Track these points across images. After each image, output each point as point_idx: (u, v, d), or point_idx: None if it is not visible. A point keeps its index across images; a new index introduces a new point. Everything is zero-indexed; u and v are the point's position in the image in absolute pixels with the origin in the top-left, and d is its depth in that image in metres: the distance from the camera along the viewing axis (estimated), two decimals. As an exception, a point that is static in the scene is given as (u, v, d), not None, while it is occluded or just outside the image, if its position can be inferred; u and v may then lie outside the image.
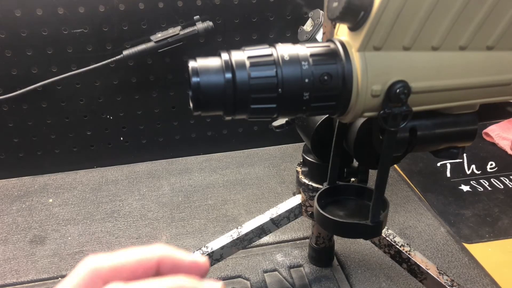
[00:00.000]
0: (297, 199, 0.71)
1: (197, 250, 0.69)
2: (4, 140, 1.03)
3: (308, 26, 0.76)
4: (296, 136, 0.66)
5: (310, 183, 0.66)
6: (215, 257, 0.69)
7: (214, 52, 0.38)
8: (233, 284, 0.75)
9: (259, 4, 1.00)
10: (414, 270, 0.66)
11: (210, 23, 0.96)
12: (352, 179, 0.63)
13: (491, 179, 0.97)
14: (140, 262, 0.27)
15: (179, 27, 0.95)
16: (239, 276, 0.77)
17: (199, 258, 0.28)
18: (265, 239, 0.83)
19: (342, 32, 0.41)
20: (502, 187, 0.95)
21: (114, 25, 0.95)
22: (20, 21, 0.91)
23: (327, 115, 0.58)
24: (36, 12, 0.91)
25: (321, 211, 0.50)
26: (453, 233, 0.83)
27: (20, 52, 0.94)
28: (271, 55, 0.37)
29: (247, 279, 0.76)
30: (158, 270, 0.27)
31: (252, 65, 0.37)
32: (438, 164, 1.04)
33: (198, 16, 0.96)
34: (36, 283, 0.78)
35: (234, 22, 1.00)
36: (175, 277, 0.26)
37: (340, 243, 0.82)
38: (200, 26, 0.95)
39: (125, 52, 0.95)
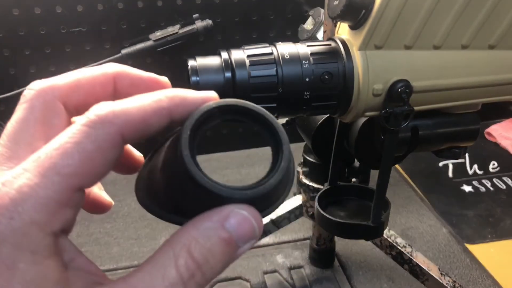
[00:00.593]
0: (297, 200, 0.70)
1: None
2: (2, 140, 1.02)
3: (308, 25, 0.75)
4: (296, 136, 0.65)
5: (310, 183, 0.66)
6: (215, 258, 0.69)
7: (213, 51, 0.38)
8: (233, 285, 0.75)
9: (259, 3, 0.99)
10: (416, 271, 0.65)
11: (210, 22, 0.95)
12: (353, 180, 0.63)
13: (493, 179, 0.97)
14: (96, 79, 0.24)
15: (178, 26, 0.94)
16: (239, 278, 0.76)
17: (159, 76, 0.26)
18: (265, 240, 0.82)
19: (343, 30, 0.40)
20: (505, 187, 0.94)
21: (113, 24, 0.94)
22: (18, 20, 0.91)
23: (328, 115, 0.57)
24: (34, 11, 0.90)
25: (322, 212, 0.49)
26: (455, 233, 0.83)
27: (18, 51, 0.93)
28: (271, 53, 0.37)
29: (247, 281, 0.75)
30: (116, 89, 0.25)
31: (252, 64, 0.36)
32: (440, 164, 1.03)
33: (197, 15, 0.95)
34: (34, 284, 0.77)
35: (233, 21, 1.00)
36: (164, 90, 0.24)
37: (341, 244, 0.81)
38: (199, 24, 0.94)
39: (124, 51, 0.94)
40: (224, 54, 0.37)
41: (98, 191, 0.31)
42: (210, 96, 0.25)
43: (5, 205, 0.20)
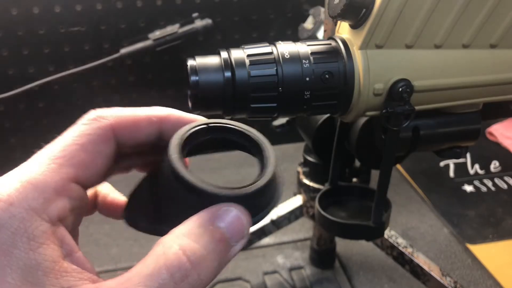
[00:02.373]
0: (298, 200, 0.70)
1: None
2: (1, 140, 1.02)
3: (308, 24, 0.75)
4: (296, 135, 0.65)
5: (311, 183, 0.66)
6: (215, 259, 0.68)
7: (213, 50, 0.37)
8: (233, 286, 0.75)
9: (259, 2, 0.99)
10: (417, 272, 0.65)
11: (209, 21, 0.95)
12: (354, 180, 0.62)
13: (495, 179, 0.96)
14: (144, 117, 0.26)
15: (177, 25, 0.94)
16: (239, 279, 0.76)
17: (199, 116, 0.28)
18: (265, 241, 0.82)
19: (343, 30, 0.40)
20: (506, 187, 0.94)
21: (112, 24, 0.94)
22: (16, 20, 0.91)
23: (329, 115, 0.57)
24: (32, 10, 0.90)
25: (322, 212, 0.49)
26: (457, 234, 0.83)
27: (16, 51, 0.93)
28: (271, 53, 0.36)
29: (247, 281, 0.75)
30: (161, 127, 0.27)
31: (252, 63, 0.36)
32: (441, 164, 1.03)
33: (197, 14, 0.95)
34: (34, 285, 0.77)
35: (233, 20, 1.00)
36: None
37: (342, 245, 0.81)
38: (199, 24, 0.94)
39: (123, 51, 0.94)
40: (224, 54, 0.36)
41: (115, 195, 0.32)
42: (201, 118, 0.28)
43: (5, 191, 0.21)
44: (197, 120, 0.28)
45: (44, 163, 0.23)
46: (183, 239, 0.22)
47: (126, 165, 0.31)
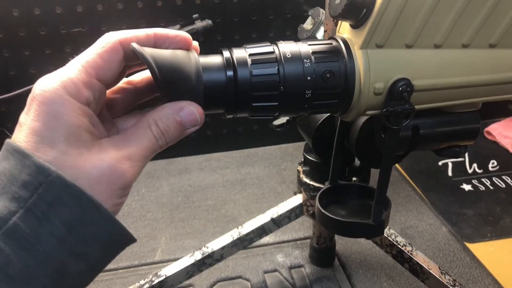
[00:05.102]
0: (298, 199, 0.70)
1: (197, 251, 0.69)
2: (2, 141, 1.02)
3: (308, 24, 0.75)
4: (297, 135, 0.66)
5: (311, 182, 0.66)
6: (216, 257, 0.69)
7: (213, 51, 0.38)
8: (233, 285, 0.75)
9: (259, 2, 0.99)
10: (416, 270, 0.65)
11: (210, 22, 0.95)
12: (354, 178, 0.63)
13: (493, 178, 0.97)
14: (143, 33, 0.35)
15: (178, 26, 0.94)
16: (239, 277, 0.76)
17: (182, 32, 0.36)
18: (266, 239, 0.82)
19: (344, 29, 0.40)
20: (504, 186, 0.94)
21: (112, 24, 0.94)
22: (18, 21, 0.91)
23: (329, 114, 0.57)
24: (34, 11, 0.90)
25: (322, 211, 0.49)
26: (455, 232, 0.83)
27: (18, 52, 0.93)
28: (272, 52, 0.37)
29: (248, 280, 0.75)
30: (156, 41, 0.35)
31: (254, 62, 0.36)
32: (440, 163, 1.04)
33: (197, 15, 0.95)
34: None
35: (233, 21, 1.00)
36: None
37: (342, 243, 0.81)
38: (199, 24, 0.94)
39: (124, 52, 0.94)
40: (226, 53, 0.37)
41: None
42: (184, 33, 0.36)
43: (52, 84, 0.31)
44: (179, 33, 0.36)
45: (75, 67, 0.32)
46: (158, 118, 0.34)
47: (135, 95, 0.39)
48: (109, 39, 0.34)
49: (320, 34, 0.73)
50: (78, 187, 0.29)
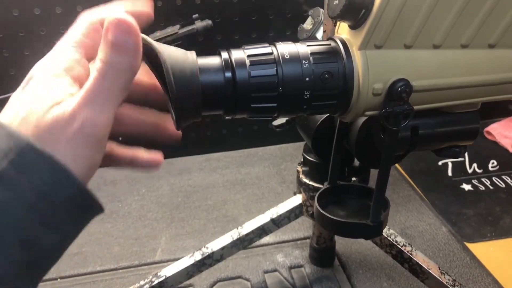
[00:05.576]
0: (297, 199, 0.70)
1: (197, 251, 0.69)
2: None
3: (308, 24, 0.75)
4: (296, 135, 0.66)
5: (310, 182, 0.66)
6: (215, 257, 0.69)
7: (213, 51, 0.38)
8: (233, 285, 0.75)
9: (259, 3, 0.99)
10: (416, 270, 0.66)
11: (209, 22, 0.95)
12: (353, 179, 0.63)
13: (493, 178, 0.97)
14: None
15: (178, 26, 0.94)
16: (239, 277, 0.76)
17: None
18: (266, 239, 0.82)
19: (342, 30, 0.40)
20: (504, 186, 0.94)
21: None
22: (18, 21, 0.91)
23: (328, 114, 0.57)
24: (34, 11, 0.90)
25: (321, 211, 0.49)
26: (455, 232, 0.83)
27: (18, 52, 0.93)
28: (271, 53, 0.37)
29: (248, 280, 0.75)
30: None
31: (252, 63, 0.36)
32: (440, 163, 1.04)
33: (197, 15, 0.95)
34: (35, 284, 0.77)
35: (233, 21, 1.00)
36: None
37: (341, 243, 0.81)
38: (199, 24, 0.94)
39: (124, 52, 0.94)
40: (224, 54, 0.37)
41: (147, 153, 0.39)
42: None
43: (50, 62, 0.34)
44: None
45: (67, 47, 0.34)
46: (98, 53, 0.33)
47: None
48: (90, 20, 0.35)
49: (320, 34, 0.73)
50: (48, 154, 0.28)
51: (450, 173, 1.00)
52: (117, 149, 0.37)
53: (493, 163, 1.02)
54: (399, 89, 0.38)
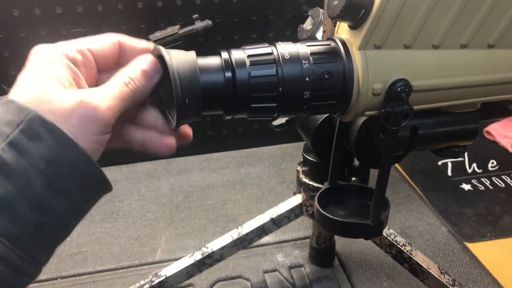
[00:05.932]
0: (297, 199, 0.71)
1: (197, 251, 0.69)
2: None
3: (307, 25, 0.75)
4: (296, 135, 0.66)
5: (310, 182, 0.66)
6: (215, 257, 0.69)
7: (213, 51, 0.38)
8: (233, 284, 0.75)
9: (259, 3, 0.99)
10: (416, 270, 0.66)
11: (209, 22, 0.95)
12: (353, 179, 0.63)
13: (493, 178, 0.97)
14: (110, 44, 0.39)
15: (178, 26, 0.94)
16: (239, 277, 0.76)
17: (149, 44, 0.40)
18: (266, 239, 0.82)
19: (342, 30, 0.40)
20: (504, 185, 0.95)
21: (113, 25, 0.95)
22: (18, 21, 0.91)
23: (328, 114, 0.57)
24: (34, 11, 0.91)
25: (321, 211, 0.49)
26: (455, 232, 0.83)
27: (18, 52, 0.93)
28: (271, 53, 0.37)
29: (248, 280, 0.76)
30: (122, 49, 0.40)
31: (252, 64, 0.36)
32: (439, 163, 1.04)
33: (197, 15, 0.95)
34: (35, 284, 0.78)
35: (233, 21, 1.00)
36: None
37: (341, 243, 0.81)
38: (199, 25, 0.95)
39: (124, 52, 0.94)
40: (224, 54, 0.37)
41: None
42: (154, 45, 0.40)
43: (48, 46, 0.36)
44: (148, 47, 0.40)
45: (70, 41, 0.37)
46: (128, 70, 0.37)
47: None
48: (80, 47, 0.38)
49: (320, 34, 0.73)
50: (55, 125, 0.31)
51: (449, 173, 1.00)
52: (129, 131, 0.39)
53: (492, 163, 1.02)
54: (399, 89, 0.38)
